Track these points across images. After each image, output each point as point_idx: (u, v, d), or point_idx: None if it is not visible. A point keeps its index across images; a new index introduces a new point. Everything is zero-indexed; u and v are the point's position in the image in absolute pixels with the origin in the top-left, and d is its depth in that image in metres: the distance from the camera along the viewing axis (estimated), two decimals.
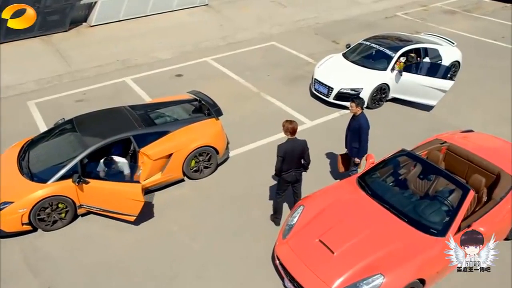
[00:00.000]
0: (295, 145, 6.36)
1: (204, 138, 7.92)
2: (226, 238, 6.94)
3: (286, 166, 6.43)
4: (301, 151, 6.39)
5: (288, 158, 6.35)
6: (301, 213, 6.12)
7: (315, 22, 15.98)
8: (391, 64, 10.31)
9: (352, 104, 7.12)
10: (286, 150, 6.32)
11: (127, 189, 6.86)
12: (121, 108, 8.21)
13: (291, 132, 6.34)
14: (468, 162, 6.93)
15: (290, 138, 6.39)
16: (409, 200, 6.22)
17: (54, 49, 13.68)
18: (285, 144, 6.41)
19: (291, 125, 6.32)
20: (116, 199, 6.93)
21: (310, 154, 8.75)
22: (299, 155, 6.40)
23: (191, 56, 13.22)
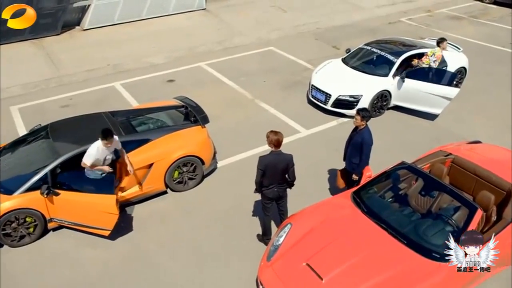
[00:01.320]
0: (279, 159, 5.75)
1: (188, 147, 7.34)
2: (208, 258, 6.32)
3: (268, 181, 5.83)
4: (285, 166, 5.78)
5: (269, 172, 5.74)
6: (288, 233, 5.50)
7: (316, 27, 15.44)
8: (393, 70, 9.70)
9: (357, 116, 6.47)
10: (268, 164, 5.72)
11: (100, 201, 6.28)
12: (100, 114, 7.65)
13: (275, 145, 5.74)
14: (476, 176, 6.29)
15: (274, 151, 5.79)
16: (409, 219, 5.58)
17: (45, 52, 13.22)
18: (267, 156, 5.81)
19: (275, 137, 5.71)
20: (88, 212, 6.35)
21: (304, 165, 8.23)
22: (282, 170, 5.79)
23: (185, 61, 12.70)
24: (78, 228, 6.59)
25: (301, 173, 8.01)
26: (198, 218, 7.06)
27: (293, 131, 9.36)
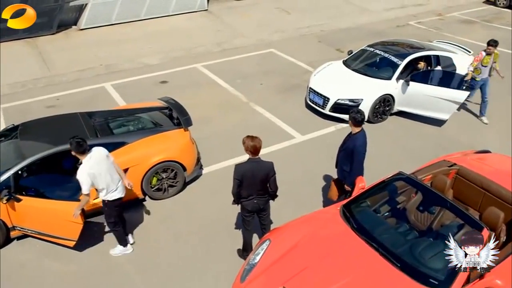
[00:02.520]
0: (258, 168, 5.12)
1: (168, 151, 6.75)
2: (181, 274, 5.70)
3: (246, 191, 5.20)
4: (265, 175, 5.15)
5: (247, 182, 5.12)
6: (265, 250, 4.85)
7: (320, 29, 14.82)
8: (397, 73, 9.02)
9: (349, 119, 5.85)
10: (245, 173, 5.09)
11: (63, 208, 5.69)
12: (76, 115, 7.12)
13: (252, 151, 5.12)
14: (483, 190, 5.58)
15: (252, 158, 5.16)
16: (405, 238, 4.89)
17: (37, 52, 12.81)
18: (244, 164, 5.18)
19: (252, 143, 5.09)
20: (52, 221, 5.78)
21: (297, 173, 7.61)
22: (262, 180, 5.16)
23: (181, 62, 12.17)
24: (43, 237, 6.02)
25: (294, 181, 7.46)
26: (176, 229, 6.45)
27: (287, 136, 8.73)
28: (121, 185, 5.73)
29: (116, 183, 5.65)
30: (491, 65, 8.97)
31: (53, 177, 6.52)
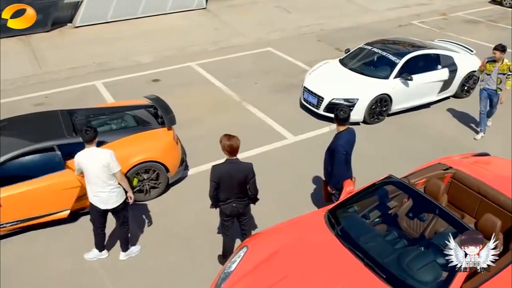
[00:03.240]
0: (235, 169, 4.80)
1: (150, 151, 6.44)
2: (157, 282, 5.37)
3: (224, 194, 4.88)
4: (243, 177, 4.82)
5: (225, 184, 4.79)
6: (242, 257, 4.51)
7: (320, 28, 14.48)
8: (395, 72, 8.66)
9: (334, 116, 5.50)
10: (222, 174, 4.77)
11: (50, 181, 5.77)
12: (56, 113, 6.84)
13: (229, 151, 4.79)
14: (480, 196, 5.21)
15: (230, 159, 4.83)
16: (392, 246, 4.53)
17: (30, 49, 12.58)
18: (221, 166, 4.86)
19: (228, 142, 4.76)
20: (40, 199, 5.79)
21: (288, 175, 7.26)
22: (240, 182, 4.83)
23: (175, 61, 11.87)
24: (33, 223, 5.90)
25: (284, 184, 7.12)
26: (155, 232, 6.14)
27: (278, 137, 8.40)
28: (112, 197, 5.31)
29: (103, 192, 5.26)
30: (499, 76, 7.77)
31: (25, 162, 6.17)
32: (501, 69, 7.74)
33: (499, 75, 7.78)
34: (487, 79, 7.97)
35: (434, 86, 8.97)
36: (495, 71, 7.80)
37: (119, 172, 5.19)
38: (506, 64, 7.73)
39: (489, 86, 7.96)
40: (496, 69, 7.77)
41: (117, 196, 5.32)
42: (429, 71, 8.86)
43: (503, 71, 7.73)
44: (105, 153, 5.13)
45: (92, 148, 5.14)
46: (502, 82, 7.80)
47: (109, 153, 5.12)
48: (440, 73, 8.97)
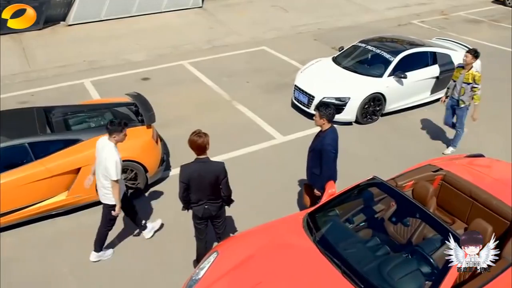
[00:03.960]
0: (205, 169, 4.49)
1: (127, 150, 6.09)
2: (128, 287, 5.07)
3: (195, 196, 4.58)
4: (214, 178, 4.51)
5: (195, 185, 4.49)
6: (212, 263, 4.20)
7: (317, 28, 14.17)
8: (389, 70, 8.33)
9: (316, 113, 5.17)
10: (191, 175, 4.47)
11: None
12: (31, 109, 6.59)
13: (194, 149, 4.48)
14: (472, 199, 4.87)
15: (199, 158, 4.53)
16: (374, 253, 4.20)
17: (21, 47, 12.36)
18: (190, 165, 4.56)
19: (196, 139, 4.46)
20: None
21: (273, 176, 6.95)
22: (211, 182, 4.52)
23: (166, 59, 11.61)
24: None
25: (269, 185, 6.82)
26: (128, 235, 5.84)
27: (267, 137, 8.09)
28: (105, 197, 5.16)
29: (100, 187, 5.15)
30: (463, 85, 6.91)
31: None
32: (466, 77, 6.90)
33: (463, 84, 6.96)
34: (452, 87, 7.23)
35: (428, 84, 8.63)
36: (460, 78, 7.00)
37: (113, 182, 4.92)
38: (472, 73, 6.85)
39: (453, 95, 7.20)
40: (462, 76, 6.98)
41: (109, 199, 5.12)
42: (423, 69, 8.52)
43: (467, 81, 6.90)
44: (110, 154, 4.87)
45: (108, 142, 4.95)
46: (466, 93, 6.97)
47: (113, 159, 4.84)
48: (432, 70, 8.62)
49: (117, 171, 4.88)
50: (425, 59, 8.71)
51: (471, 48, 7.24)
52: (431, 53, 8.79)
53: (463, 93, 7.00)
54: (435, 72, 8.69)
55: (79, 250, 5.59)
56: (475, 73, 6.86)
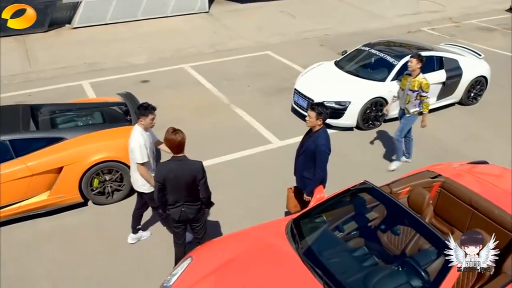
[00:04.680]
0: (182, 168, 4.21)
1: (112, 150, 5.91)
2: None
3: (172, 197, 4.30)
4: (191, 178, 4.22)
5: (170, 185, 4.21)
6: (184, 270, 3.90)
7: (324, 33, 13.90)
8: (392, 74, 8.00)
9: (311, 112, 4.85)
10: (167, 174, 4.19)
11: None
12: (17, 106, 6.45)
13: (173, 148, 4.21)
14: (472, 208, 4.50)
15: (176, 157, 4.25)
16: (360, 264, 3.86)
17: (24, 49, 12.34)
18: (165, 164, 4.30)
19: (171, 136, 4.19)
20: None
21: (267, 181, 6.64)
22: (187, 183, 4.23)
23: (168, 62, 11.43)
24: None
25: (261, 190, 6.52)
26: (110, 240, 5.58)
27: (263, 141, 7.81)
28: (136, 180, 5.05)
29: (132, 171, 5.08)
30: (408, 93, 6.37)
31: None
32: (412, 84, 6.34)
33: (409, 92, 6.38)
34: (400, 95, 6.69)
35: (433, 89, 8.22)
36: (407, 86, 6.43)
37: (138, 165, 4.79)
38: (418, 80, 6.29)
39: (401, 104, 6.67)
40: (408, 85, 6.41)
41: (142, 187, 5.00)
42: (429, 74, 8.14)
43: (413, 88, 6.33)
44: (134, 138, 4.78)
45: (136, 126, 4.89)
46: (411, 102, 6.42)
47: (137, 142, 4.74)
48: (438, 75, 8.25)
49: (142, 155, 4.72)
50: (431, 63, 8.33)
51: (417, 53, 6.60)
52: (437, 58, 8.43)
53: (407, 101, 6.46)
54: (441, 77, 8.32)
55: (57, 252, 5.36)
56: (422, 80, 6.30)
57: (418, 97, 6.38)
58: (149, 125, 4.88)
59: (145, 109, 4.79)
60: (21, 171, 5.48)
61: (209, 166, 6.97)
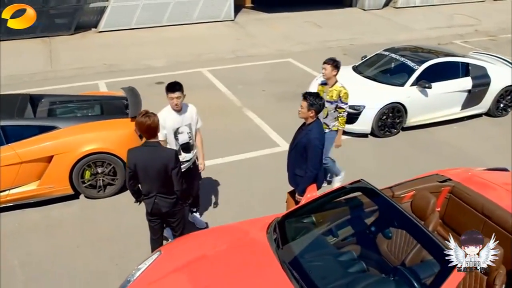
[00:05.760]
0: (153, 155, 3.88)
1: (104, 141, 5.68)
2: None
3: (144, 186, 3.99)
4: (162, 166, 3.87)
5: (142, 173, 3.90)
6: (150, 264, 3.54)
7: (350, 43, 13.50)
8: (412, 79, 7.50)
9: (302, 102, 4.44)
10: (137, 160, 3.87)
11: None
12: (17, 95, 6.36)
13: (146, 133, 3.88)
14: (484, 217, 3.95)
15: (149, 142, 3.93)
16: (345, 270, 3.38)
17: (48, 50, 12.55)
18: (136, 149, 3.98)
19: (140, 119, 3.84)
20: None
21: (271, 185, 6.24)
22: (159, 171, 3.88)
23: (186, 66, 11.30)
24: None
25: (263, 193, 6.13)
26: (94, 234, 5.31)
27: (270, 144, 7.46)
28: None
29: None
30: (326, 105, 5.25)
31: None
32: (329, 95, 5.40)
33: (327, 104, 5.28)
34: None
35: (458, 97, 7.69)
36: (324, 96, 5.09)
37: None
38: (336, 89, 5.36)
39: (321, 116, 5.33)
40: (325, 93, 5.43)
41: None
42: (453, 80, 7.61)
43: (331, 99, 5.40)
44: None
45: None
46: (330, 115, 5.46)
47: (160, 117, 4.30)
48: (463, 82, 7.68)
49: (161, 132, 4.32)
50: (456, 70, 7.79)
51: (332, 58, 5.51)
52: (463, 64, 7.86)
53: (325, 114, 5.46)
54: (467, 84, 7.74)
55: (38, 243, 5.14)
56: (341, 89, 5.36)
57: (336, 109, 5.44)
58: (171, 105, 4.54)
59: (166, 87, 4.52)
60: (10, 157, 5.33)
61: (211, 166, 6.79)
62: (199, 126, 4.98)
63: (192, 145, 4.77)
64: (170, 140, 4.58)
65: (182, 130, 4.65)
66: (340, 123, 5.55)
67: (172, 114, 4.59)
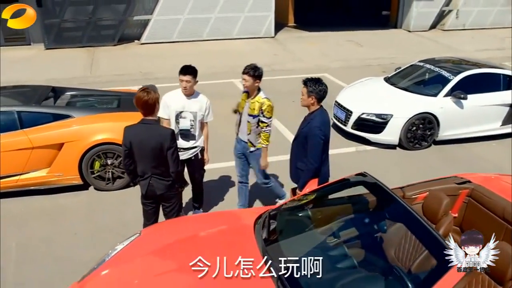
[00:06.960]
0: (149, 133, 3.74)
1: (116, 132, 5.58)
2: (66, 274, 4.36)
3: (140, 166, 3.84)
4: (158, 145, 3.70)
5: (137, 151, 3.75)
6: (127, 245, 3.34)
7: (390, 62, 13.05)
8: (446, 89, 7.01)
9: (303, 89, 4.14)
10: (133, 138, 3.75)
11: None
12: (41, 86, 6.54)
13: (142, 109, 3.76)
14: (505, 222, 3.45)
15: (145, 119, 3.79)
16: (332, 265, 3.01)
17: (91, 58, 13.04)
18: (132, 127, 3.84)
19: (139, 94, 3.74)
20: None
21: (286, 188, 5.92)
22: (155, 151, 3.72)
23: (219, 76, 11.34)
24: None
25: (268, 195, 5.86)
26: (95, 224, 5.20)
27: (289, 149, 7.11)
28: None
29: None
30: (248, 119, 4.71)
31: None
32: (251, 107, 4.65)
33: (249, 118, 4.68)
34: (237, 122, 4.98)
35: (497, 112, 7.09)
36: (245, 109, 4.72)
37: None
38: (259, 101, 4.62)
39: (240, 135, 4.92)
40: (247, 106, 4.73)
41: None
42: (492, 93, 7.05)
43: (252, 112, 4.65)
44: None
45: None
46: (253, 132, 4.72)
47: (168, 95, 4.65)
48: (504, 95, 7.10)
49: (164, 110, 4.45)
50: (497, 82, 7.23)
51: (252, 65, 4.71)
52: (504, 76, 7.29)
53: (249, 130, 4.75)
54: (508, 98, 7.15)
55: (39, 229, 5.10)
56: (264, 100, 4.61)
57: (258, 123, 4.68)
58: (181, 87, 4.52)
59: (181, 69, 4.51)
60: (22, 142, 5.38)
61: (220, 168, 6.59)
62: (210, 119, 4.85)
63: (192, 135, 4.61)
64: (171, 122, 4.48)
65: (185, 116, 4.52)
66: (263, 140, 4.72)
67: (179, 95, 4.54)
